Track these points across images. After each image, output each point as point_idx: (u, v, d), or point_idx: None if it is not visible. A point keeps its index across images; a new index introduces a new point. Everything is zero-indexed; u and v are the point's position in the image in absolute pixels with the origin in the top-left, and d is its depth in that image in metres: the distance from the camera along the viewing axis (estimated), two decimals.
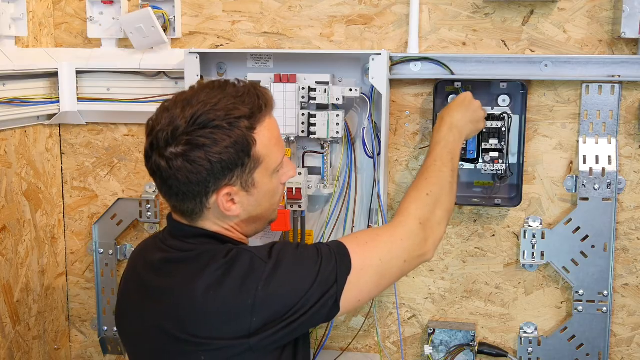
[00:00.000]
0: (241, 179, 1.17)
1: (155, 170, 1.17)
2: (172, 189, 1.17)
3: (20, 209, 1.74)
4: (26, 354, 1.78)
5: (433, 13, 1.66)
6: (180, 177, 1.14)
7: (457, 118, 1.45)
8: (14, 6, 1.67)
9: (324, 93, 1.60)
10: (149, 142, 1.17)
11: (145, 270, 1.25)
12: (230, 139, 1.13)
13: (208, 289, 1.14)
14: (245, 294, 1.12)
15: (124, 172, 1.87)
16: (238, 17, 1.75)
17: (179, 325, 1.15)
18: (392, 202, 1.73)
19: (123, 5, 1.75)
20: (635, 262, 1.66)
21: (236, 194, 1.18)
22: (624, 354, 1.70)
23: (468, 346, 1.71)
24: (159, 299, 1.19)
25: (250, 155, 1.16)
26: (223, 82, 1.19)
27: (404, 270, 1.26)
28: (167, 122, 1.14)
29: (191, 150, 1.12)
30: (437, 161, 1.38)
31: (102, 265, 1.88)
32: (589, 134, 1.63)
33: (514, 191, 1.64)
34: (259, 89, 1.20)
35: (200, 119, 1.12)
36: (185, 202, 1.19)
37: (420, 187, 1.34)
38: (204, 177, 1.14)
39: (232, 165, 1.15)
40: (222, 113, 1.13)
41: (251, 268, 1.14)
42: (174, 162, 1.13)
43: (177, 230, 1.24)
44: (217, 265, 1.15)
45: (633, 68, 1.57)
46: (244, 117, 1.15)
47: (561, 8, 1.61)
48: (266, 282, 1.13)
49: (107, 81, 1.81)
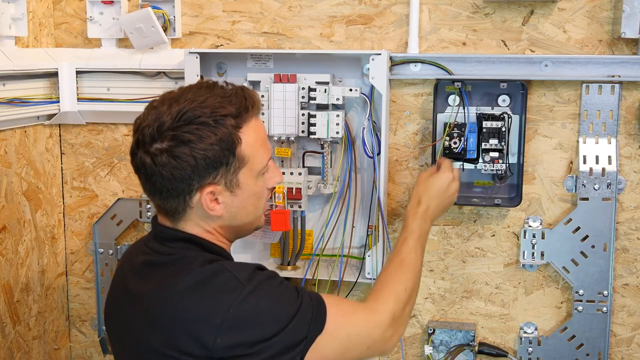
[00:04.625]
0: (225, 178, 1.17)
1: (140, 167, 1.16)
2: (155, 186, 1.17)
3: (20, 209, 1.74)
4: (26, 354, 1.78)
5: (433, 13, 1.66)
6: (164, 173, 1.14)
7: (434, 206, 1.43)
8: (14, 6, 1.67)
9: (324, 93, 1.60)
10: (135, 140, 1.16)
11: (129, 272, 1.24)
12: (215, 136, 1.13)
13: (181, 297, 1.12)
14: (215, 312, 1.10)
15: (124, 172, 1.86)
16: (238, 17, 1.75)
17: (152, 332, 1.14)
18: (392, 202, 1.73)
19: (123, 5, 1.75)
20: (635, 262, 1.66)
21: (220, 193, 1.17)
22: (624, 354, 1.70)
23: (468, 346, 1.71)
24: (135, 302, 1.19)
25: (235, 154, 1.16)
26: (211, 83, 1.20)
27: (362, 355, 1.23)
28: (153, 119, 1.14)
29: (176, 145, 1.12)
30: (412, 253, 1.36)
31: (102, 265, 1.88)
32: (589, 134, 1.63)
33: (514, 191, 1.64)
34: (246, 90, 1.20)
35: (186, 115, 1.12)
36: (168, 200, 1.18)
37: (399, 280, 1.31)
38: (187, 173, 1.13)
39: (217, 163, 1.15)
40: (208, 110, 1.13)
41: (227, 287, 1.12)
42: (159, 157, 1.13)
43: (159, 233, 1.23)
44: (190, 275, 1.13)
45: (633, 68, 1.57)
46: (230, 116, 1.15)
47: (561, 8, 1.61)
48: (239, 305, 1.10)
49: (107, 81, 1.81)
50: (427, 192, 1.44)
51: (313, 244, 1.73)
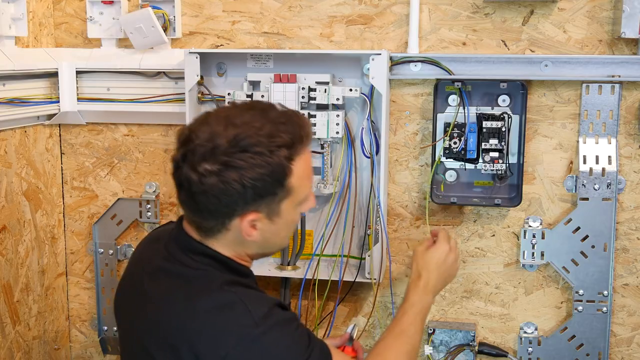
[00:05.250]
0: (268, 207, 1.15)
1: (183, 183, 1.12)
2: (197, 205, 1.13)
3: (20, 209, 1.74)
4: (26, 354, 1.78)
5: (433, 13, 1.66)
6: (209, 195, 1.11)
7: (434, 279, 1.40)
8: (14, 6, 1.67)
9: (324, 93, 1.60)
10: (182, 153, 1.12)
11: (145, 272, 1.24)
12: (268, 167, 1.11)
13: (193, 318, 1.11)
14: (222, 344, 1.09)
15: (124, 172, 1.87)
16: (238, 17, 1.75)
17: (153, 338, 1.14)
18: (392, 202, 1.73)
19: (123, 5, 1.75)
20: (635, 262, 1.66)
21: (260, 220, 1.15)
22: (624, 354, 1.70)
23: (468, 346, 1.71)
24: (145, 302, 1.18)
25: (283, 185, 1.14)
26: (267, 105, 1.17)
27: None
28: (207, 137, 1.10)
29: (227, 170, 1.09)
30: (412, 325, 1.34)
31: (102, 265, 1.88)
32: (589, 134, 1.63)
33: (514, 191, 1.64)
34: (301, 118, 1.18)
35: (243, 141, 1.10)
36: (207, 220, 1.16)
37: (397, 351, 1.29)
38: (234, 199, 1.11)
39: (265, 193, 1.12)
40: (264, 139, 1.11)
41: (239, 322, 1.10)
42: (207, 179, 1.09)
43: (186, 244, 1.20)
44: (208, 297, 1.12)
45: (633, 68, 1.57)
46: (285, 147, 1.12)
47: (561, 8, 1.61)
48: (246, 345, 1.09)
49: (107, 81, 1.81)
50: (426, 267, 1.41)
51: (313, 244, 1.73)
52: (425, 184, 1.70)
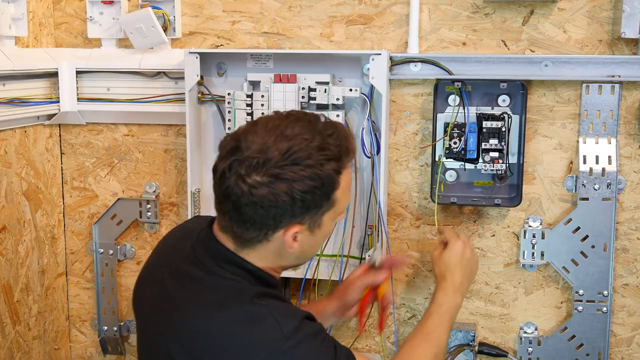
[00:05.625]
0: (311, 219, 1.14)
1: (230, 193, 1.11)
2: (243, 216, 1.12)
3: (20, 209, 1.74)
4: (26, 354, 1.78)
5: (433, 13, 1.66)
6: (257, 207, 1.10)
7: (459, 278, 1.42)
8: (14, 6, 1.67)
9: (324, 93, 1.60)
10: (229, 162, 1.11)
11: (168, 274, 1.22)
12: (319, 180, 1.11)
13: (222, 327, 1.10)
14: (251, 357, 1.09)
15: (124, 172, 1.87)
16: (238, 17, 1.75)
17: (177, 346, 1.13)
18: (392, 202, 1.73)
19: (123, 5, 1.75)
20: (635, 262, 1.66)
21: (302, 232, 1.15)
22: (624, 354, 1.70)
23: (468, 346, 1.71)
24: (170, 306, 1.17)
25: (330, 198, 1.14)
26: (312, 116, 1.16)
27: None
28: (258, 149, 1.10)
29: (277, 182, 1.09)
30: (438, 327, 1.34)
31: (102, 265, 1.88)
32: (589, 134, 1.63)
33: (514, 191, 1.64)
34: (345, 129, 1.18)
35: (295, 154, 1.09)
36: (250, 231, 1.14)
37: (424, 353, 1.29)
38: (281, 211, 1.11)
39: (312, 205, 1.13)
40: (315, 152, 1.11)
41: (269, 336, 1.09)
42: (257, 190, 1.09)
43: (218, 253, 1.18)
44: (238, 309, 1.12)
45: (633, 68, 1.57)
46: (334, 160, 1.13)
47: (561, 8, 1.61)
48: (276, 358, 1.09)
49: (107, 81, 1.81)
50: (447, 268, 1.42)
51: None
52: (425, 183, 1.70)
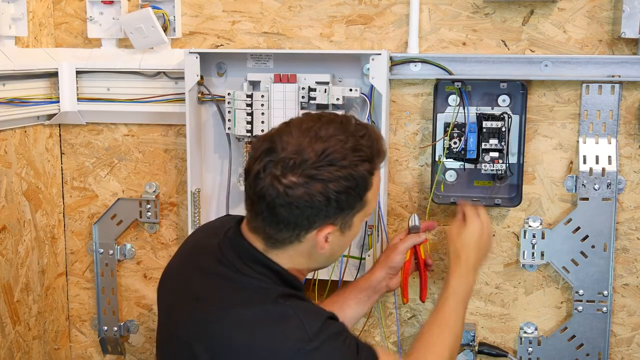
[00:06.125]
0: (343, 220, 1.15)
1: (265, 194, 1.11)
2: (277, 216, 1.13)
3: (20, 209, 1.74)
4: (26, 354, 1.78)
5: (433, 13, 1.66)
6: (293, 207, 1.11)
7: (474, 257, 1.41)
8: (14, 6, 1.67)
9: (324, 93, 1.60)
10: (263, 163, 1.12)
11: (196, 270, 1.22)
12: (353, 180, 1.12)
13: (246, 326, 1.11)
14: (276, 354, 1.09)
15: (124, 172, 1.87)
16: (238, 17, 1.75)
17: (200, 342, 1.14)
18: (392, 202, 1.73)
19: (123, 5, 1.75)
20: (635, 262, 1.66)
21: (333, 233, 1.16)
22: (624, 354, 1.70)
23: (468, 346, 1.71)
24: (197, 303, 1.17)
25: (362, 199, 1.15)
26: (344, 118, 1.17)
27: None
28: (294, 150, 1.11)
29: (314, 182, 1.10)
30: (453, 313, 1.35)
31: (102, 265, 1.88)
32: (589, 134, 1.63)
33: (514, 191, 1.64)
34: (376, 131, 1.20)
35: (330, 155, 1.11)
36: (282, 232, 1.15)
37: (443, 342, 1.30)
38: (316, 212, 1.12)
39: (346, 206, 1.14)
40: (349, 152, 1.12)
41: (294, 336, 1.09)
42: (293, 190, 1.10)
43: (243, 251, 1.19)
44: (262, 308, 1.12)
45: (633, 68, 1.57)
46: (367, 160, 1.14)
47: (561, 8, 1.61)
48: (300, 358, 1.09)
49: (107, 81, 1.81)
50: (464, 247, 1.42)
51: None
52: (425, 183, 1.70)
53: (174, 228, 1.86)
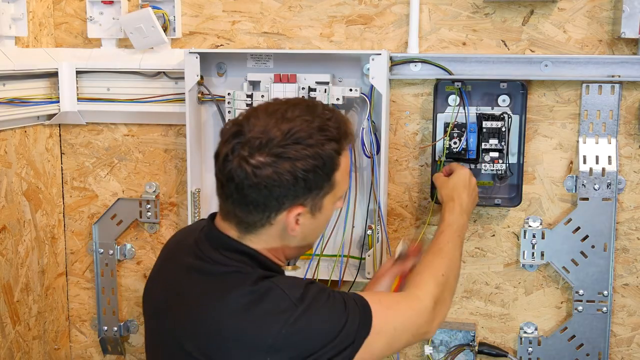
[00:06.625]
0: (313, 201, 1.16)
1: (233, 176, 1.12)
2: (246, 198, 1.13)
3: (20, 209, 1.74)
4: (26, 354, 1.78)
5: (433, 13, 1.66)
6: (261, 187, 1.11)
7: (466, 199, 1.48)
8: (14, 6, 1.67)
9: (324, 93, 1.60)
10: (231, 146, 1.13)
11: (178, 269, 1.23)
12: (320, 159, 1.13)
13: (231, 314, 1.12)
14: (267, 333, 1.10)
15: (124, 172, 1.87)
16: (238, 17, 1.75)
17: (191, 339, 1.14)
18: (392, 202, 1.73)
19: (123, 5, 1.75)
20: (635, 262, 1.66)
21: (304, 215, 1.16)
22: (624, 354, 1.70)
23: (468, 346, 1.71)
24: (180, 307, 1.18)
25: (330, 179, 1.16)
26: (312, 103, 1.19)
27: (408, 343, 1.25)
28: (260, 130, 1.11)
29: (281, 161, 1.10)
30: (450, 243, 1.39)
31: (102, 265, 1.88)
32: (589, 134, 1.63)
33: (514, 191, 1.64)
34: (343, 115, 1.21)
35: (296, 134, 1.11)
36: (252, 214, 1.15)
37: (437, 267, 1.34)
38: (284, 191, 1.12)
39: (314, 185, 1.14)
40: (316, 132, 1.13)
41: (280, 308, 1.11)
42: (261, 170, 1.10)
43: (219, 242, 1.20)
44: (243, 292, 1.13)
45: (633, 68, 1.57)
46: (334, 140, 1.15)
47: (561, 8, 1.61)
48: (292, 326, 1.10)
49: (107, 81, 1.81)
50: (455, 190, 1.48)
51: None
52: (425, 183, 1.70)
53: (174, 228, 1.86)
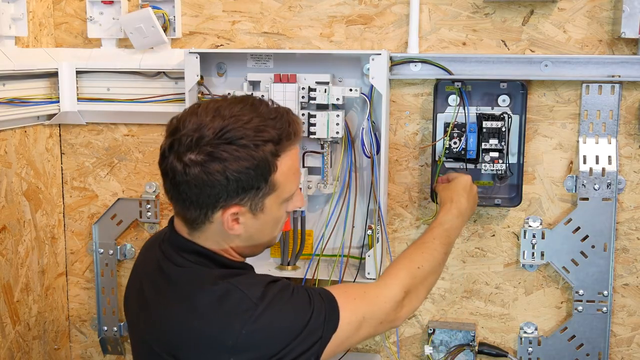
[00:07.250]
0: (252, 202, 1.15)
1: (168, 172, 1.14)
2: (180, 194, 1.14)
3: (20, 209, 1.74)
4: (26, 354, 1.78)
5: (433, 13, 1.66)
6: (192, 185, 1.11)
7: (464, 205, 1.48)
8: (14, 6, 1.67)
9: (324, 93, 1.60)
10: (169, 142, 1.13)
11: (144, 275, 1.25)
12: (253, 160, 1.11)
13: (193, 315, 1.12)
14: (228, 333, 1.10)
15: (124, 172, 1.87)
16: (238, 17, 1.75)
17: (159, 344, 1.16)
18: (392, 202, 1.73)
19: (123, 5, 1.75)
20: (635, 262, 1.66)
21: (243, 214, 1.16)
22: (624, 354, 1.70)
23: (468, 346, 1.71)
24: (146, 308, 1.20)
25: (267, 181, 1.15)
26: (257, 100, 1.18)
27: (377, 331, 1.25)
28: (193, 127, 1.11)
29: (211, 161, 1.10)
30: (436, 240, 1.39)
31: (102, 265, 1.89)
32: (589, 134, 1.63)
33: (514, 191, 1.64)
34: (291, 115, 1.18)
35: (228, 133, 1.10)
36: (190, 210, 1.15)
37: (414, 259, 1.34)
38: (216, 191, 1.12)
39: (248, 187, 1.13)
40: (250, 132, 1.11)
41: (240, 308, 1.11)
42: (191, 169, 1.10)
43: (175, 240, 1.21)
44: (203, 294, 1.13)
45: (633, 68, 1.57)
46: (272, 142, 1.13)
47: (561, 8, 1.61)
48: (252, 326, 1.10)
49: (107, 81, 1.81)
50: (456, 193, 1.49)
51: (313, 244, 1.73)
52: (425, 183, 1.70)
53: None
